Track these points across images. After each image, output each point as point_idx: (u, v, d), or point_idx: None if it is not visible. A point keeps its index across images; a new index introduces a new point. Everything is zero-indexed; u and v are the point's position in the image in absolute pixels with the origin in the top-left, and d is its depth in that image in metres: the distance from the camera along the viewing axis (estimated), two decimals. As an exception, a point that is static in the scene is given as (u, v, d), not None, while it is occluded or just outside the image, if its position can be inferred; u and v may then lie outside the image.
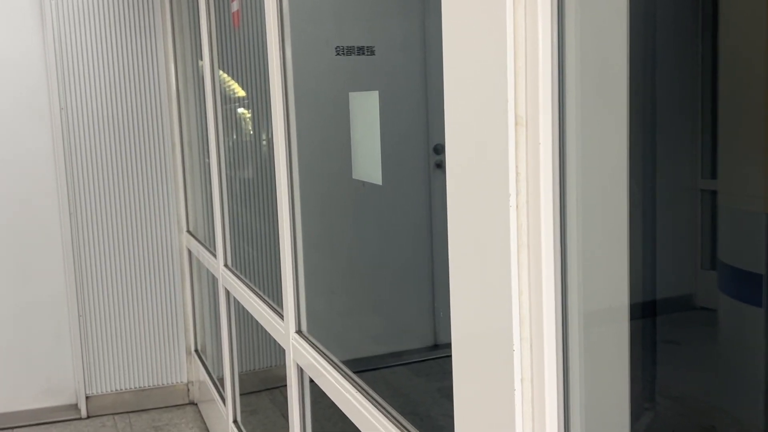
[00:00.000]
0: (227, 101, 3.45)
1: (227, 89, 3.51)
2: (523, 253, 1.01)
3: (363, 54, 3.45)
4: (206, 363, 4.17)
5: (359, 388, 1.79)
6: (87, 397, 4.28)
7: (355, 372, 1.99)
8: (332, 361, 2.00)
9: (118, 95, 4.18)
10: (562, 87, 0.97)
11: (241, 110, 3.61)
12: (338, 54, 3.41)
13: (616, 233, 1.04)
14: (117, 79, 4.17)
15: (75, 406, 4.29)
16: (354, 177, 1.88)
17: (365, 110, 1.76)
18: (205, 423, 4.16)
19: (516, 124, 0.99)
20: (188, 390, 4.45)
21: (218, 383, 3.82)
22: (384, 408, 1.67)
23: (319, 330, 2.29)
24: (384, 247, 3.53)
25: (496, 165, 1.01)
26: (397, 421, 1.61)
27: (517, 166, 1.00)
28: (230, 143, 3.44)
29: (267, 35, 2.22)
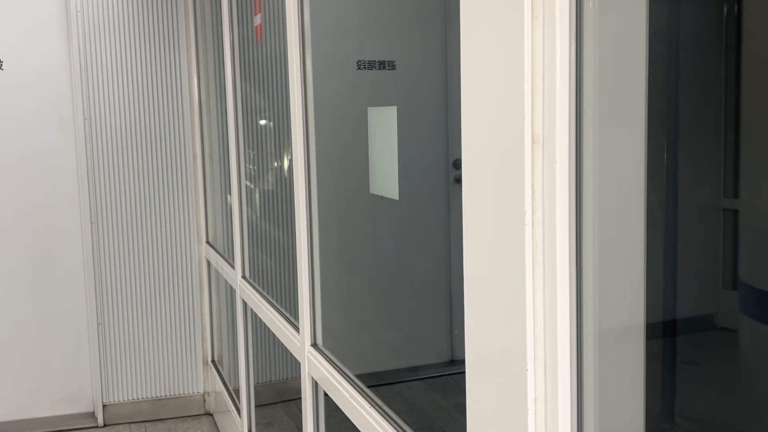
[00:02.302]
0: (249, 113, 3.48)
1: (249, 102, 3.53)
2: (538, 271, 1.00)
3: (384, 68, 3.46)
4: (223, 374, 4.18)
5: (373, 403, 1.79)
6: (104, 406, 4.30)
7: (371, 386, 1.99)
8: (347, 375, 2.00)
9: (142, 106, 4.22)
10: (579, 106, 0.97)
11: (262, 122, 3.64)
12: (360, 68, 3.42)
13: (633, 252, 1.03)
14: (140, 90, 4.22)
15: (92, 414, 4.31)
16: (371, 191, 1.89)
17: (383, 125, 1.76)
18: (220, 434, 4.16)
19: (533, 142, 0.99)
20: (204, 400, 4.46)
21: (234, 394, 3.82)
22: (398, 424, 1.67)
23: (335, 343, 2.29)
24: (402, 261, 3.53)
25: (512, 183, 1.01)
26: (411, 437, 1.60)
27: (533, 184, 1.00)
28: (251, 155, 3.46)
29: (288, 49, 2.24)
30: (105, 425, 4.29)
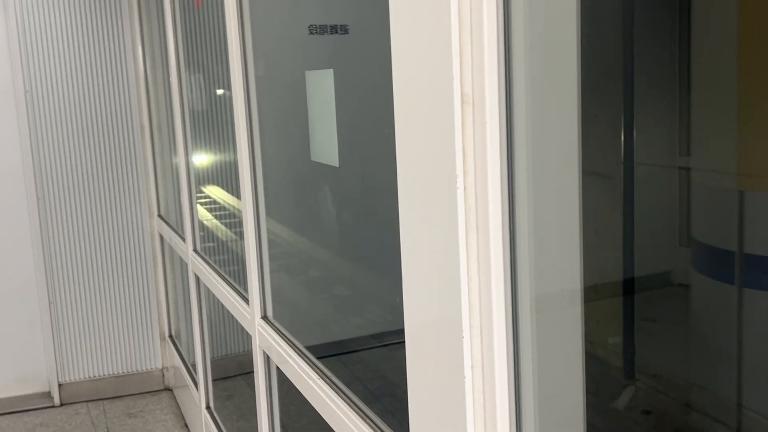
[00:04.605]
0: (194, 83, 3.38)
1: (194, 71, 3.43)
2: (471, 237, 0.97)
3: (336, 33, 3.38)
4: (180, 349, 4.13)
5: (322, 375, 1.76)
6: (60, 385, 4.22)
7: (326, 356, 1.96)
8: (297, 347, 1.96)
9: (85, 77, 4.09)
10: (508, 63, 0.93)
11: (206, 91, 3.54)
12: (312, 33, 3.33)
13: (568, 214, 1.00)
14: (83, 60, 4.08)
15: (48, 394, 4.23)
16: (312, 159, 1.83)
17: (321, 89, 1.71)
18: (180, 409, 4.12)
19: (462, 102, 0.95)
20: (163, 376, 4.41)
21: (192, 369, 3.78)
22: (346, 395, 1.64)
23: (285, 315, 2.25)
24: (353, 228, 3.49)
25: (442, 145, 0.97)
26: (359, 408, 1.58)
27: (464, 147, 0.96)
28: (198, 126, 3.37)
29: (226, 13, 2.16)
30: (62, 404, 4.22)
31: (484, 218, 0.95)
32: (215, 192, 3.43)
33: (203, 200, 3.41)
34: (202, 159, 3.38)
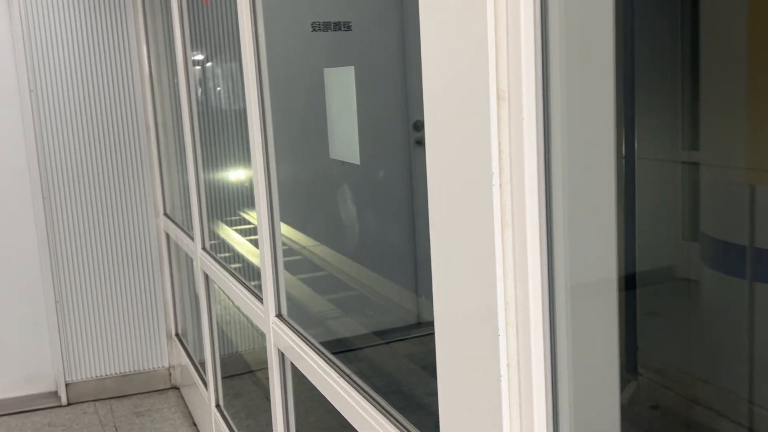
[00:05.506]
0: (202, 81, 3.37)
1: (202, 69, 3.42)
2: (507, 234, 0.96)
3: (339, 29, 3.37)
4: (187, 347, 4.12)
5: (340, 371, 1.75)
6: (67, 384, 4.21)
7: (339, 351, 1.96)
8: (312, 344, 1.96)
9: (90, 76, 4.07)
10: (545, 59, 0.92)
11: (216, 89, 3.53)
12: (314, 30, 3.33)
13: (604, 211, 1.00)
14: (88, 59, 4.06)
15: (55, 394, 4.22)
16: (331, 156, 1.83)
17: (341, 87, 1.70)
18: (187, 407, 4.12)
19: (498, 98, 0.94)
20: (170, 374, 4.40)
21: (200, 367, 3.77)
22: (364, 390, 1.64)
23: (300, 312, 2.25)
24: (365, 226, 3.49)
25: (477, 142, 0.97)
26: (378, 403, 1.57)
27: (499, 143, 0.95)
28: (206, 123, 3.36)
29: (238, 11, 2.14)
30: (69, 404, 4.21)
31: (521, 215, 0.95)
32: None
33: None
34: (212, 158, 3.37)
